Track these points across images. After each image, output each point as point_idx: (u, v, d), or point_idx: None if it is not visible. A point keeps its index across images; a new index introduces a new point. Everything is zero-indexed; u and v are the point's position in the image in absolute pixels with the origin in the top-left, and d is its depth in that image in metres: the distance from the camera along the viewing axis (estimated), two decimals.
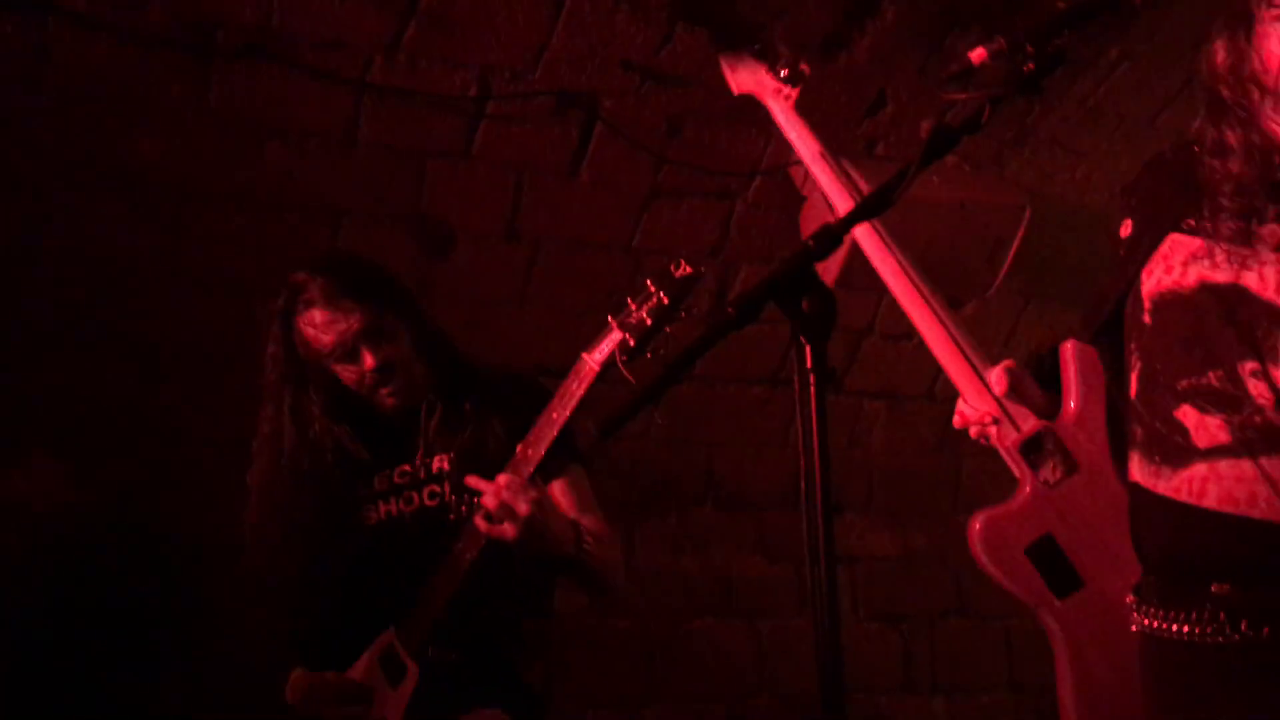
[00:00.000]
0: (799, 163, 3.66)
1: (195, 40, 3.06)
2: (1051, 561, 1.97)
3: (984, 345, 4.84)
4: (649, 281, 2.20)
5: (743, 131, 3.64)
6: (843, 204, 2.23)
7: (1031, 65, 1.57)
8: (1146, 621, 1.79)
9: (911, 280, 2.12)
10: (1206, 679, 1.71)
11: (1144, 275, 1.80)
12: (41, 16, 2.92)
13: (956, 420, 2.04)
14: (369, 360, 2.38)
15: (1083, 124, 3.92)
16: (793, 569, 4.12)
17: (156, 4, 2.98)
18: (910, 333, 4.21)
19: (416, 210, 3.45)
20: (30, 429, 3.14)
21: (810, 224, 3.72)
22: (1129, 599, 1.84)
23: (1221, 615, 1.67)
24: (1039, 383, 2.02)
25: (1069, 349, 1.96)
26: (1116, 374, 1.89)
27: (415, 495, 2.46)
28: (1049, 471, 1.98)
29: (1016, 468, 2.00)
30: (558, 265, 3.65)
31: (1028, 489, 1.99)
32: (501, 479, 2.20)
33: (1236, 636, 1.66)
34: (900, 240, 3.85)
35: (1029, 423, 1.98)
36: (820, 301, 1.53)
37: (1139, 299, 1.80)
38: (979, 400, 2.01)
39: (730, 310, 1.54)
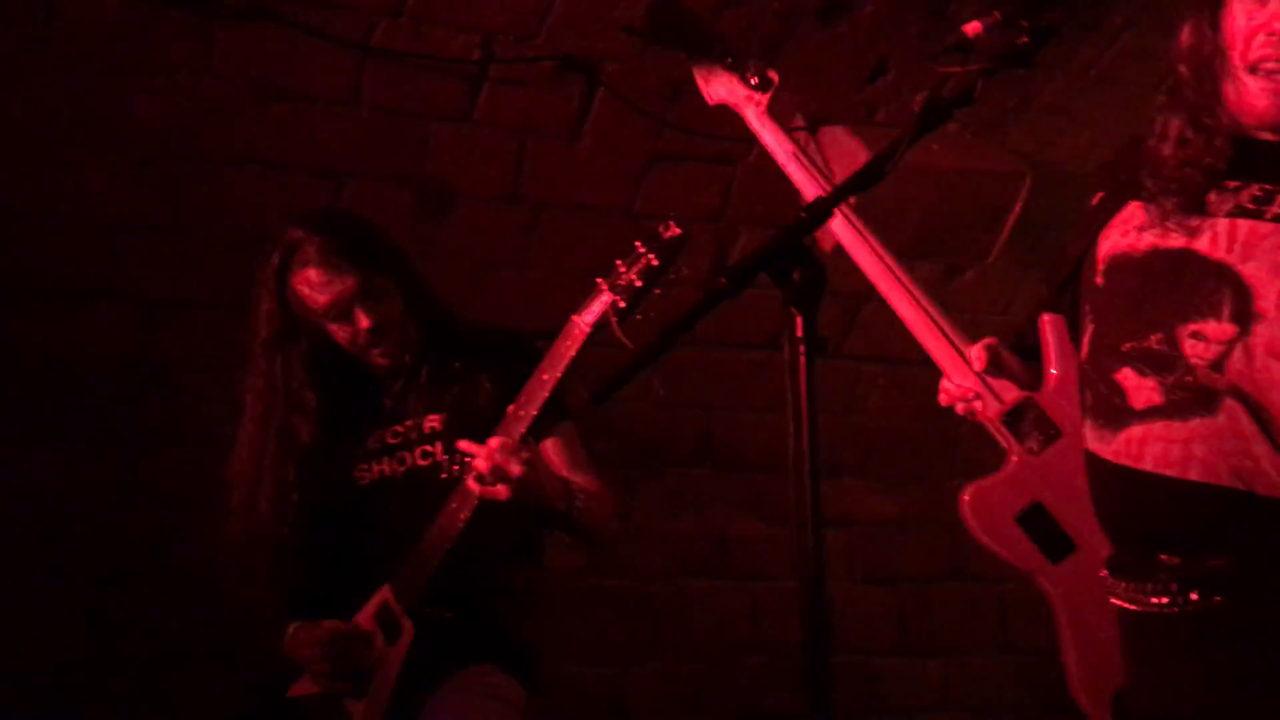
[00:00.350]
0: (802, 128, 3.70)
1: (200, 0, 3.08)
2: (1043, 527, 2.02)
3: (984, 312, 4.87)
4: (637, 243, 2.22)
5: None
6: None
7: (1025, 39, 1.60)
8: (1114, 597, 1.83)
9: (888, 266, 2.17)
10: (1169, 649, 1.75)
11: (1101, 238, 1.85)
12: None
13: (941, 398, 2.09)
14: (363, 321, 2.40)
15: (1085, 92, 3.92)
16: (789, 531, 4.15)
17: None
18: None
19: (419, 173, 3.47)
20: (31, 384, 3.18)
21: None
22: (1103, 573, 1.87)
23: (1174, 586, 1.72)
24: (1022, 357, 2.06)
25: (1047, 320, 2.00)
26: (1075, 337, 1.94)
27: (407, 455, 2.48)
28: (1034, 441, 2.02)
29: (1002, 439, 2.05)
30: (559, 228, 3.67)
31: (1014, 458, 2.04)
32: (493, 442, 2.22)
33: (1190, 607, 1.71)
34: (900, 204, 3.87)
35: (1011, 394, 2.04)
36: (811, 272, 1.57)
37: (1094, 261, 1.85)
38: (961, 377, 2.07)
39: (722, 280, 1.58)
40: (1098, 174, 1.99)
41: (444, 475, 2.41)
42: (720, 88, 2.40)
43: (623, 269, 2.23)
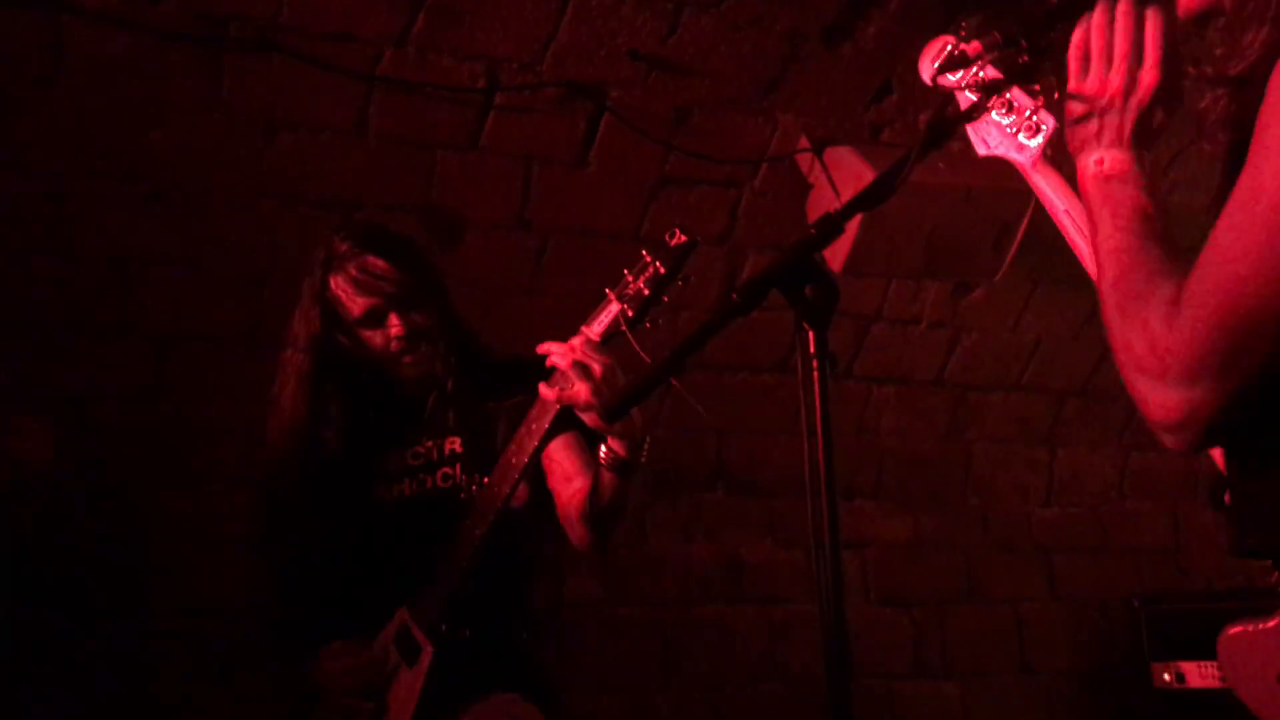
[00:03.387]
0: (805, 150, 3.71)
1: (207, 34, 3.10)
2: None
3: (994, 330, 4.85)
4: (644, 251, 2.21)
5: (749, 120, 3.66)
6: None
7: (1026, 59, 1.59)
8: None
9: None
10: None
11: None
12: (55, 14, 2.96)
13: None
14: (396, 327, 2.43)
15: None
16: (803, 554, 4.15)
17: None
18: (918, 318, 4.25)
19: (427, 201, 3.48)
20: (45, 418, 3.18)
21: (817, 210, 3.74)
22: None
23: None
24: None
25: None
26: None
27: (428, 477, 2.50)
28: None
29: None
30: (567, 254, 3.68)
31: None
32: (575, 341, 2.21)
33: None
34: (908, 224, 3.84)
35: None
36: (822, 289, 1.56)
37: None
38: None
39: (734, 297, 1.57)
40: None
41: (463, 495, 2.42)
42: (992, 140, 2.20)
43: (630, 278, 2.22)
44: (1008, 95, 1.67)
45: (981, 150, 2.11)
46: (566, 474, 2.42)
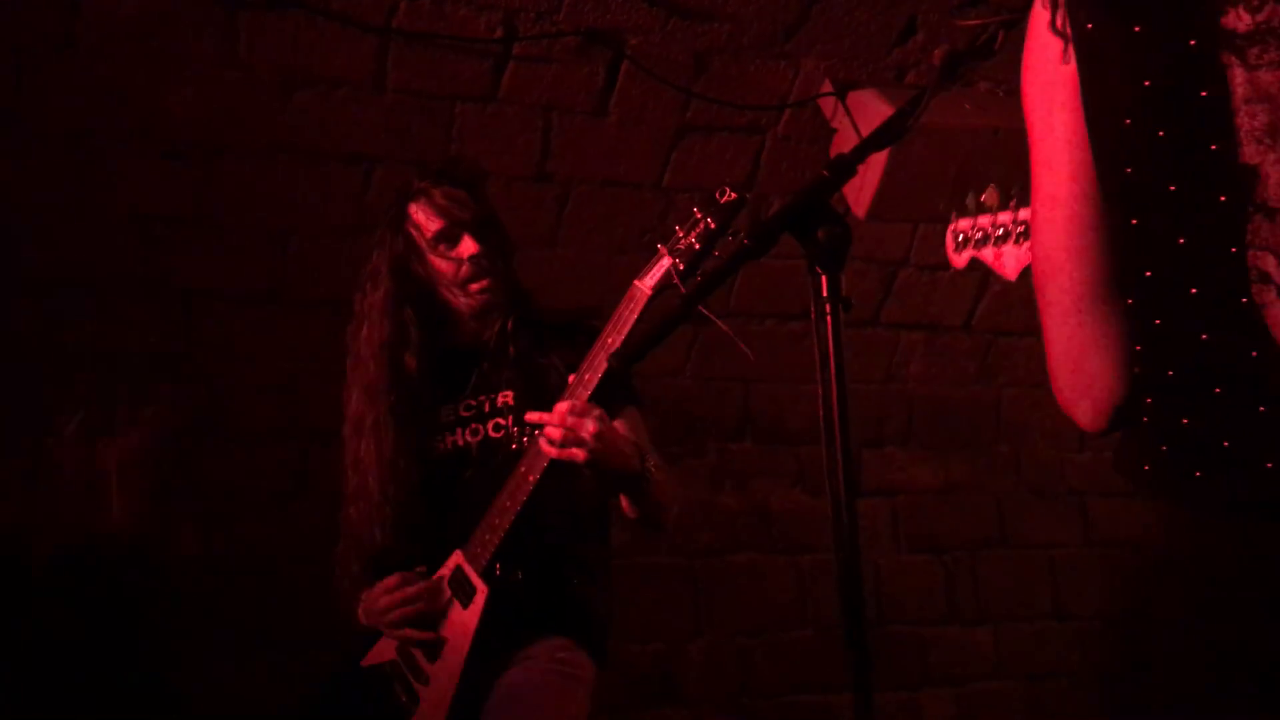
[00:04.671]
0: (829, 94, 3.65)
1: None
2: None
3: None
4: (695, 208, 2.28)
5: (771, 64, 3.61)
6: None
7: None
8: None
9: None
10: None
11: None
12: None
13: None
14: (469, 247, 2.47)
15: None
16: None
17: None
18: (946, 264, 4.20)
19: (446, 155, 3.46)
20: (70, 379, 3.20)
21: None
22: None
23: None
24: None
25: None
26: None
27: (481, 427, 2.51)
28: None
29: None
30: (589, 205, 3.65)
31: None
32: (561, 406, 2.24)
33: None
34: (934, 166, 3.79)
35: None
36: (835, 231, 1.54)
37: None
38: None
39: (746, 241, 1.55)
40: None
41: (514, 446, 2.44)
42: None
43: (681, 233, 2.29)
44: None
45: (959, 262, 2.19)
46: (624, 436, 2.39)
